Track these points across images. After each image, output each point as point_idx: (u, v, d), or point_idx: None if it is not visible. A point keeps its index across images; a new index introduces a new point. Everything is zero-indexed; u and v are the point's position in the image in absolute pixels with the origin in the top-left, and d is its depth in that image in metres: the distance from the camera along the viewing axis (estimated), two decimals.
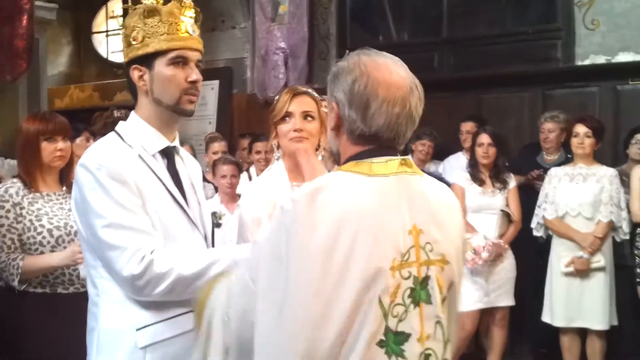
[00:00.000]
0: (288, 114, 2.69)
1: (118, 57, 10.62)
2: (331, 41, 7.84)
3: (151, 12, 2.19)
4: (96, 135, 5.08)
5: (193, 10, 2.27)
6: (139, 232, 2.05)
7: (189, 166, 2.38)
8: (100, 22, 10.86)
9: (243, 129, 8.00)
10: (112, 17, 10.81)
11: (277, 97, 2.77)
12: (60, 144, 3.35)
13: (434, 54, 7.26)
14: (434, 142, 6.42)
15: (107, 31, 10.85)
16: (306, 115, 2.70)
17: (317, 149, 2.75)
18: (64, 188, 3.42)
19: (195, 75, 2.20)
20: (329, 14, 7.83)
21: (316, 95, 2.76)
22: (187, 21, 2.24)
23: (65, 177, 3.44)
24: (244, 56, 8.31)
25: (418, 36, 7.69)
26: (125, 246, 2.02)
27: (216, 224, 4.67)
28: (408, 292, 1.68)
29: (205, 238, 2.29)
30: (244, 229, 2.64)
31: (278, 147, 2.76)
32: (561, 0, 6.52)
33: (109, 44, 10.76)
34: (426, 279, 1.71)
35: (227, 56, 8.42)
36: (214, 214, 4.68)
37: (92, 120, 7.76)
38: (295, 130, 2.67)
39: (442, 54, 7.27)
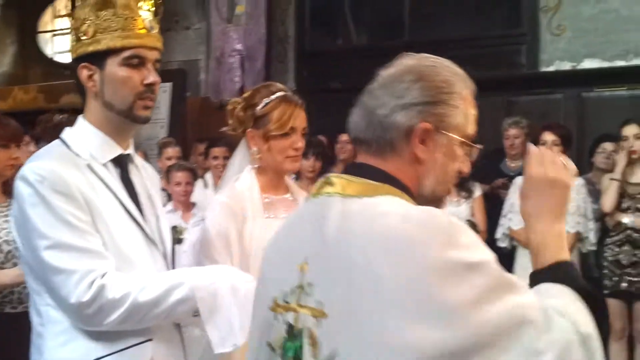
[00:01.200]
0: (291, 130, 2.47)
1: (65, 58, 10.29)
2: (289, 44, 7.66)
3: (105, 3, 1.96)
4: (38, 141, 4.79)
5: (152, 3, 2.02)
6: (88, 253, 1.82)
7: (146, 176, 2.15)
8: (46, 21, 10.53)
9: (197, 133, 7.77)
10: (59, 16, 10.48)
11: (266, 102, 2.51)
12: (15, 151, 3.09)
13: (396, 58, 7.08)
14: None
15: (53, 31, 10.51)
16: (303, 131, 2.50)
17: None
18: (10, 199, 3.14)
19: (152, 77, 1.97)
20: (287, 16, 7.65)
21: None
22: (145, 16, 2.00)
23: (10, 187, 3.17)
24: (198, 58, 8.06)
25: (379, 39, 7.53)
26: (72, 269, 1.79)
27: (177, 240, 4.40)
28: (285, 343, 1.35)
29: (165, 256, 2.07)
30: (207, 245, 2.41)
31: (259, 156, 2.52)
32: (526, 5, 6.43)
33: (55, 44, 10.42)
34: (301, 331, 1.31)
35: (180, 58, 8.16)
36: (174, 229, 4.41)
37: (38, 124, 7.42)
38: (295, 149, 2.46)
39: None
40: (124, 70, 1.94)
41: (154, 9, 2.04)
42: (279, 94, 2.52)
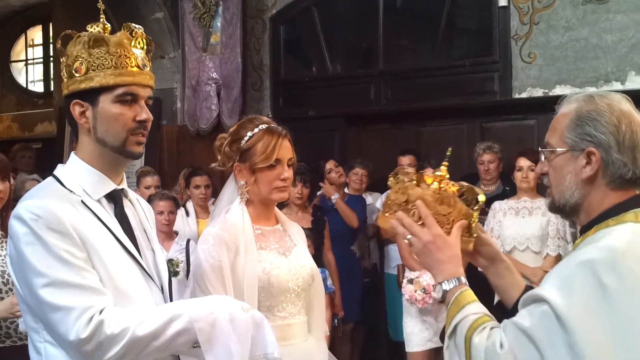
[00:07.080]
0: (276, 161, 2.50)
1: (38, 87, 10.23)
2: (265, 72, 7.69)
3: (97, 41, 1.96)
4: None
5: (145, 41, 2.04)
6: (85, 289, 1.81)
7: (140, 210, 2.15)
8: (19, 50, 10.47)
9: (173, 161, 7.74)
10: (32, 46, 10.44)
11: (250, 135, 2.55)
12: None
13: (370, 86, 7.18)
14: (367, 170, 6.35)
15: (26, 60, 10.46)
16: (289, 161, 2.52)
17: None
18: (1, 232, 3.12)
19: (145, 114, 1.99)
20: (262, 45, 7.69)
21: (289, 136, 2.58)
22: (138, 53, 2.02)
23: (2, 220, 3.14)
24: (173, 86, 8.05)
25: (354, 68, 7.60)
26: (70, 306, 1.78)
27: (173, 273, 4.39)
28: None
29: (162, 289, 2.07)
30: (201, 277, 2.41)
31: (247, 189, 2.55)
32: (498, 34, 6.53)
33: (29, 73, 10.36)
34: None
35: (155, 86, 8.11)
36: (170, 262, 4.41)
37: (12, 153, 7.38)
38: (282, 180, 2.49)
39: (378, 86, 7.18)
40: (116, 107, 1.94)
41: (146, 47, 2.06)
42: (262, 126, 2.56)
